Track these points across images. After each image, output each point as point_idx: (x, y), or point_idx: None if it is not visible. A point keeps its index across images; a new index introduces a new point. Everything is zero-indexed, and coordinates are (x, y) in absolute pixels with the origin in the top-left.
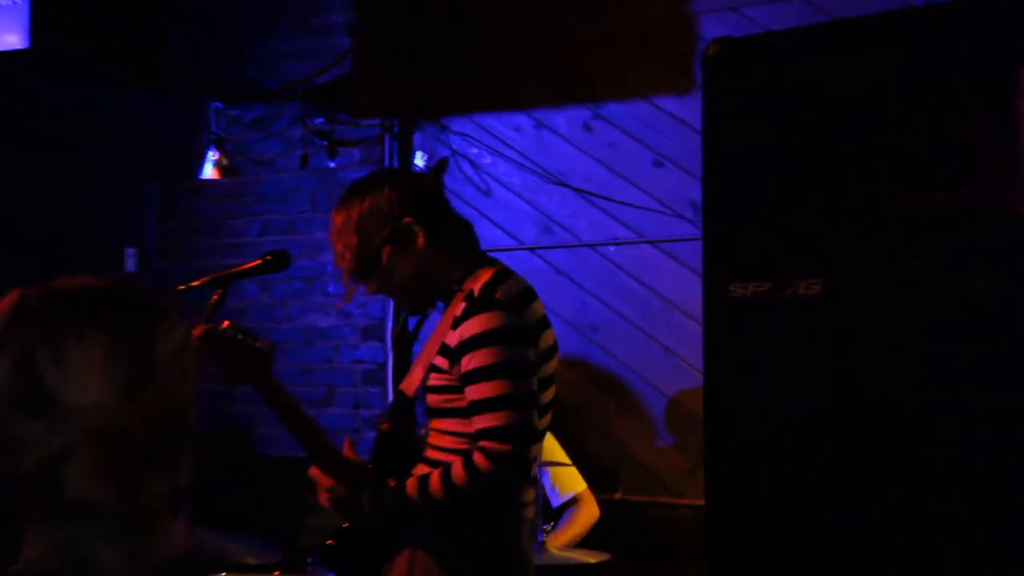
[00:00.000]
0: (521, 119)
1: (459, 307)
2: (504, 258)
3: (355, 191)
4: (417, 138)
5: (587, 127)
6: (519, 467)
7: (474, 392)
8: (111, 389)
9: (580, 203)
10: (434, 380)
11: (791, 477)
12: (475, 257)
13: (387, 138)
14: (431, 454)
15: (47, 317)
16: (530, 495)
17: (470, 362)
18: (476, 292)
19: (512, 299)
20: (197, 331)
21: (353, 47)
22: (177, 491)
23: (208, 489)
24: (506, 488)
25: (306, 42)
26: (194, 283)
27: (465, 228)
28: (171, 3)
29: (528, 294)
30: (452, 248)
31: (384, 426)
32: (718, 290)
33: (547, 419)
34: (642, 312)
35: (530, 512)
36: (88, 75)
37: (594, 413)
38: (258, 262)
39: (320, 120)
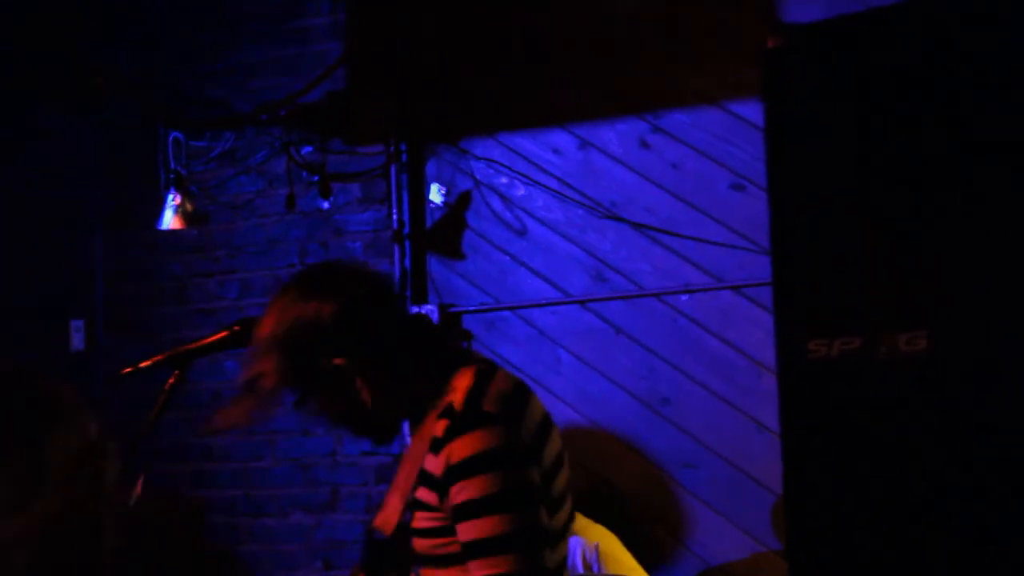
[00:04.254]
0: (561, 137)
1: (437, 425)
2: (548, 314)
3: (281, 296)
4: (431, 167)
5: (644, 144)
6: None
7: (468, 531)
8: None
9: (640, 241)
10: (421, 521)
11: None
12: (444, 360)
13: (393, 169)
14: None
15: None
16: None
17: (460, 493)
18: (458, 405)
19: (506, 406)
20: None
21: (346, 54)
22: None
23: None
24: None
25: (284, 51)
26: (143, 364)
27: (429, 340)
28: (106, 15)
29: (521, 393)
30: (409, 370)
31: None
32: (795, 349)
33: (564, 514)
34: (726, 377)
35: None
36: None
37: (669, 509)
38: (223, 334)
39: (308, 149)
